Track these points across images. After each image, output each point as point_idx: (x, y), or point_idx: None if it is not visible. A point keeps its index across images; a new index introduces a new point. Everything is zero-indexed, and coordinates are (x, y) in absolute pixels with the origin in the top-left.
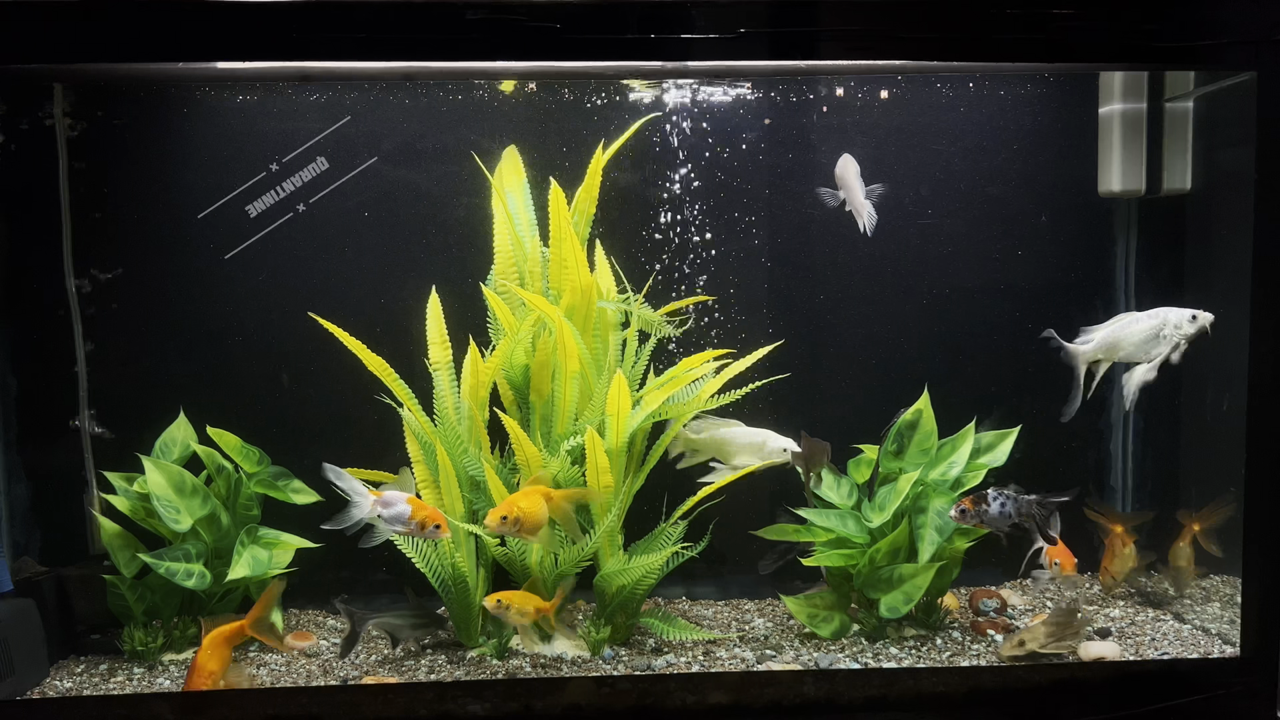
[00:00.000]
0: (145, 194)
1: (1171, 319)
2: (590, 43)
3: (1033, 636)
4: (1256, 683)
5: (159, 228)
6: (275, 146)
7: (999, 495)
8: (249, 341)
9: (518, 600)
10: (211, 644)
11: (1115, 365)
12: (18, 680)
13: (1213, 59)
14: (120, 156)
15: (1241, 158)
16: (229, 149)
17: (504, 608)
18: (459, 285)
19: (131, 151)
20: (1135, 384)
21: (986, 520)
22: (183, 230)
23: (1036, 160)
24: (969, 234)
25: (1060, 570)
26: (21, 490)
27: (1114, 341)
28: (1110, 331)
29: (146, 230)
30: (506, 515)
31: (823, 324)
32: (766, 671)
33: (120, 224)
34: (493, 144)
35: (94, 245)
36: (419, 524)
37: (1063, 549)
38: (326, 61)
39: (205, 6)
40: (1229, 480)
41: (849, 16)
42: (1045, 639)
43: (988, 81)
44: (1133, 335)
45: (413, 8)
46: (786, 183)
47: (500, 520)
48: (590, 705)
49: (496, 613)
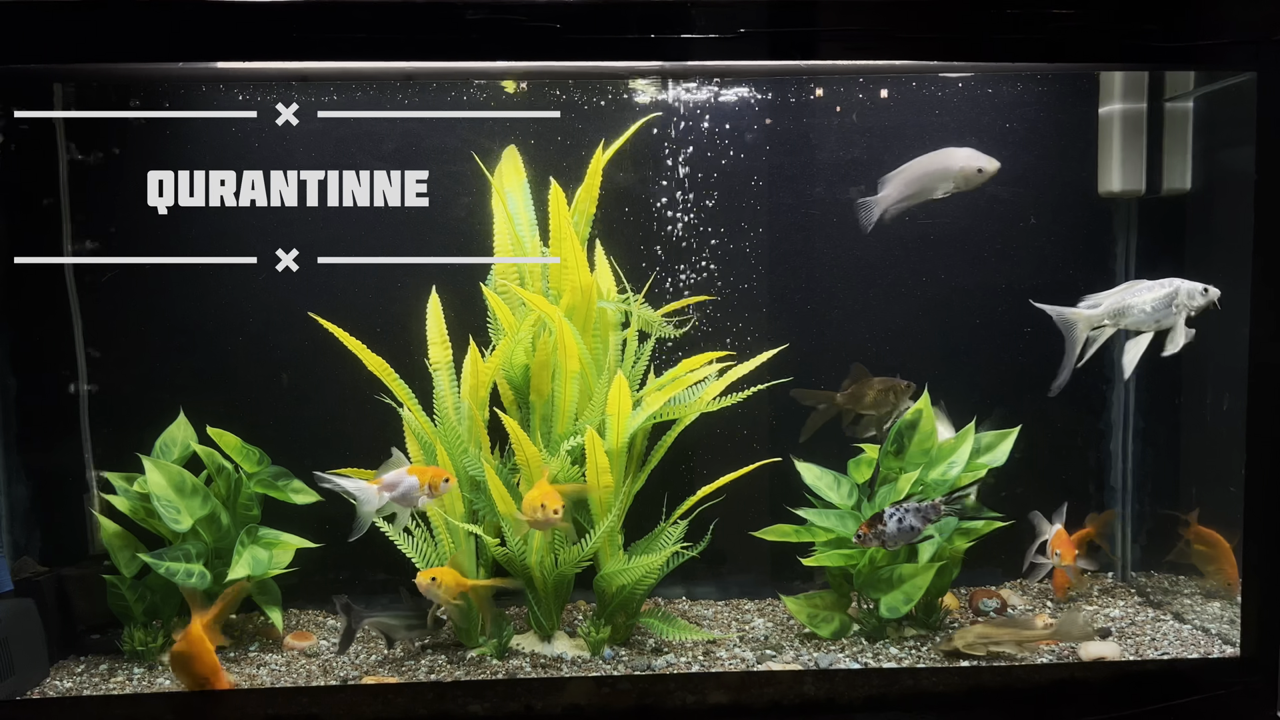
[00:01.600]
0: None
1: (1184, 289)
2: (590, 43)
3: (961, 636)
4: (1256, 683)
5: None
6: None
7: (895, 512)
8: (249, 341)
9: (448, 578)
10: (198, 644)
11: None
12: (18, 680)
13: (1213, 59)
14: (120, 156)
15: (1241, 158)
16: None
17: (437, 585)
18: (459, 285)
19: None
20: (1140, 350)
21: (888, 539)
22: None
23: (1036, 160)
24: (969, 234)
25: (1061, 560)
26: (21, 490)
27: (1122, 308)
28: (1120, 297)
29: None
30: (545, 504)
31: (823, 324)
32: (766, 671)
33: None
34: (493, 144)
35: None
36: (430, 487)
37: (1064, 539)
38: (326, 61)
39: (205, 6)
40: (1229, 480)
41: (849, 16)
42: (975, 639)
43: (987, 81)
44: (1143, 302)
45: (413, 8)
46: (786, 183)
47: (540, 508)
48: (590, 705)
49: (427, 592)
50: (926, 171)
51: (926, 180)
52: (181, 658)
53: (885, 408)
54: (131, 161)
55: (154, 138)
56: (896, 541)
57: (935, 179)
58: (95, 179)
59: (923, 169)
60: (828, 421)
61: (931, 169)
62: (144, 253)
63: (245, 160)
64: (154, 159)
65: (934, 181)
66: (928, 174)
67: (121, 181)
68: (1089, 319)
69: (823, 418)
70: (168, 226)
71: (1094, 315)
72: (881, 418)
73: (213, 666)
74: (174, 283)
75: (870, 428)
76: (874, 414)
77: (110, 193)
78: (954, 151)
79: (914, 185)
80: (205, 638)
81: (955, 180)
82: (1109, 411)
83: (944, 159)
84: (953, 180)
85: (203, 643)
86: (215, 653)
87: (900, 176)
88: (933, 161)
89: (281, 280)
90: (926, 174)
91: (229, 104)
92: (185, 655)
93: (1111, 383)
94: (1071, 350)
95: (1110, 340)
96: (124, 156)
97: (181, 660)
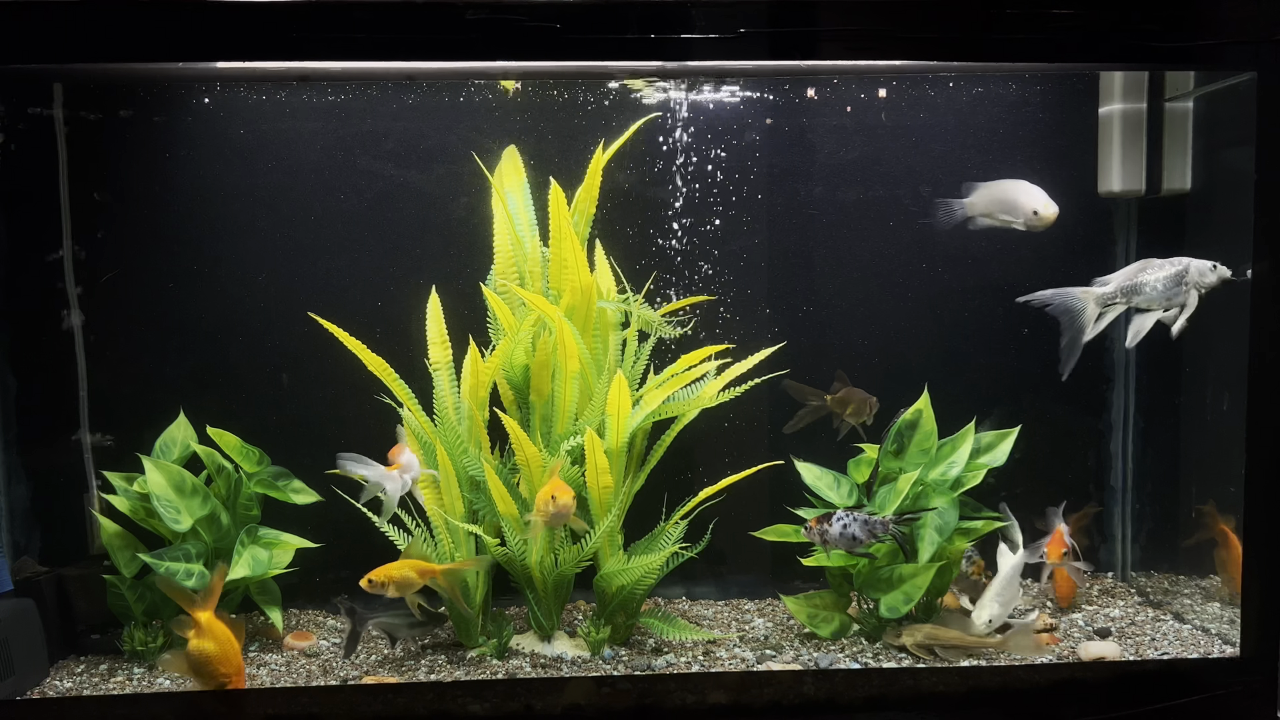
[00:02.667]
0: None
1: (1195, 266)
2: (590, 43)
3: (910, 633)
4: (1256, 683)
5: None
6: (274, 147)
7: (844, 518)
8: (249, 341)
9: (396, 572)
10: (219, 635)
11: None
12: (18, 680)
13: (1213, 59)
14: (119, 156)
15: (1241, 158)
16: (228, 149)
17: (382, 586)
18: (459, 285)
19: (131, 151)
20: (1147, 325)
21: (829, 540)
22: (182, 229)
23: (1036, 160)
24: (969, 234)
25: (1046, 558)
26: (21, 490)
27: (1134, 285)
28: (1131, 274)
29: (146, 229)
30: (556, 495)
31: (823, 323)
32: (766, 671)
33: (120, 223)
34: (493, 144)
35: (93, 244)
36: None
37: (1057, 538)
38: (326, 61)
39: (205, 6)
40: (1229, 480)
41: (849, 16)
42: (923, 638)
43: (987, 81)
44: (1155, 280)
45: (413, 8)
46: (786, 182)
47: (552, 499)
48: (590, 705)
49: (375, 592)
50: (1002, 198)
51: (1001, 207)
52: (203, 654)
53: (861, 417)
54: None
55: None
56: (836, 545)
57: (1005, 208)
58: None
59: (1003, 193)
60: (817, 420)
61: (1006, 196)
62: (145, 253)
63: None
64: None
65: (1004, 210)
66: (1002, 201)
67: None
68: (1100, 296)
69: (812, 415)
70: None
71: (1104, 293)
72: (857, 424)
73: (238, 666)
74: (174, 282)
75: (844, 430)
76: (852, 421)
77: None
78: (1027, 188)
79: (994, 206)
80: (223, 627)
81: (1017, 215)
82: (1109, 411)
83: (1014, 190)
84: (1017, 216)
85: (227, 635)
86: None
87: (988, 192)
88: (1011, 190)
89: (282, 280)
90: (1002, 200)
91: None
92: (207, 652)
93: (1111, 382)
94: (1079, 332)
95: (1111, 341)
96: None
97: (203, 657)
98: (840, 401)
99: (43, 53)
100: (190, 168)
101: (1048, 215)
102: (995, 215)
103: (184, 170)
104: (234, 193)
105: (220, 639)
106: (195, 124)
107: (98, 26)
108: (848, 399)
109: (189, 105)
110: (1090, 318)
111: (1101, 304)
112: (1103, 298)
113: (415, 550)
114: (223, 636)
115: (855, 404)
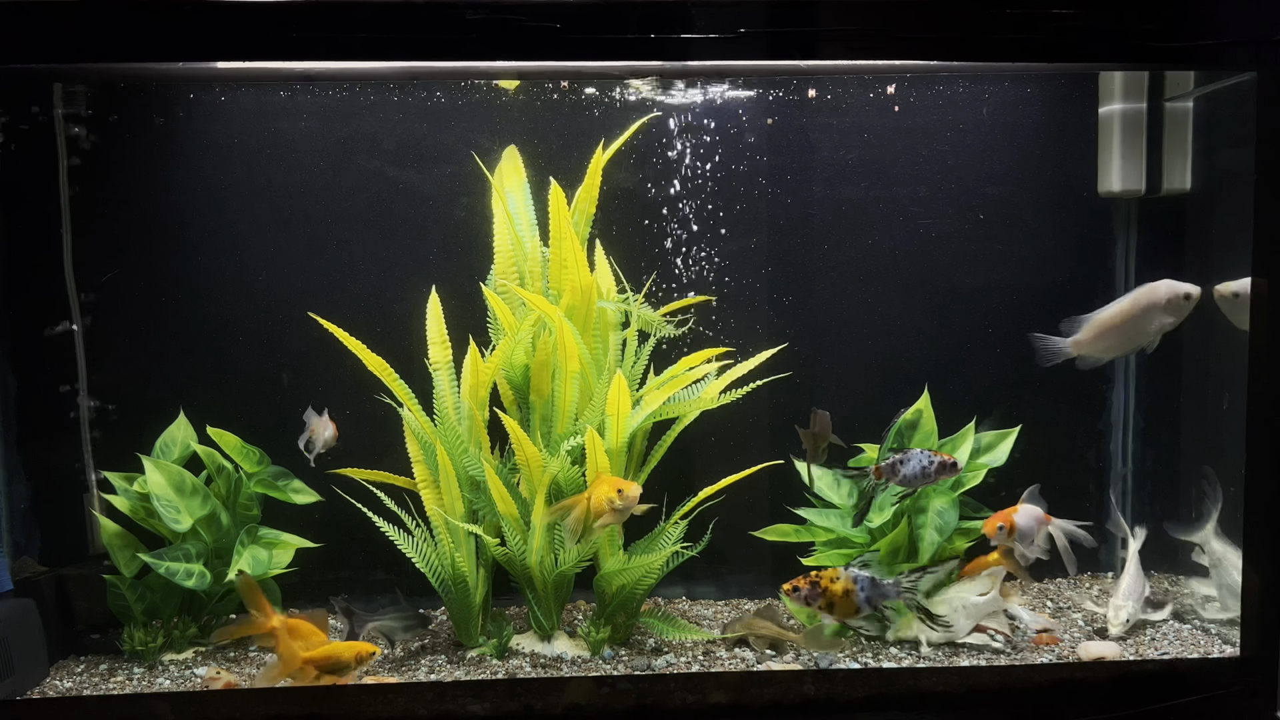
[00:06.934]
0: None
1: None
2: (590, 43)
3: (746, 625)
4: (1256, 683)
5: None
6: (274, 147)
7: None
8: (249, 341)
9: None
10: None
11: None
12: (18, 680)
13: (1213, 59)
14: (119, 155)
15: (1241, 158)
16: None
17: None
18: (459, 285)
19: (131, 151)
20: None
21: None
22: (182, 229)
23: (1036, 160)
24: (969, 234)
25: (1005, 536)
26: (21, 490)
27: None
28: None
29: (146, 229)
30: (623, 489)
31: (823, 324)
32: (766, 671)
33: (120, 224)
34: (493, 144)
35: (93, 244)
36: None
37: (1005, 515)
38: (327, 61)
39: (205, 6)
40: (1229, 480)
41: (849, 16)
42: (742, 628)
43: (987, 81)
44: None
45: (413, 8)
46: (787, 182)
47: (618, 494)
48: (590, 705)
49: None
50: (1130, 316)
51: (1134, 324)
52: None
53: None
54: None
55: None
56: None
57: (1146, 319)
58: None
59: (1125, 314)
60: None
61: (1135, 311)
62: (145, 253)
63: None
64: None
65: (1145, 322)
66: (1133, 318)
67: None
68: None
69: (815, 457)
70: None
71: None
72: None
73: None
74: (174, 282)
75: (818, 459)
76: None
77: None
78: (1154, 287)
79: (1118, 334)
80: (299, 621)
81: (1168, 312)
82: (1109, 411)
83: (1147, 296)
84: (1167, 313)
85: (309, 628)
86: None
87: (1098, 324)
88: (1135, 304)
89: (282, 280)
90: (1131, 318)
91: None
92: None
93: (1111, 382)
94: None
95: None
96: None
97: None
98: (810, 434)
99: (43, 53)
100: (190, 167)
101: (1196, 293)
102: (1132, 340)
103: (184, 170)
104: (234, 192)
105: (303, 634)
106: (195, 124)
107: (97, 26)
108: (825, 433)
109: (189, 105)
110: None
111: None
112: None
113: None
114: (304, 630)
115: (828, 441)
